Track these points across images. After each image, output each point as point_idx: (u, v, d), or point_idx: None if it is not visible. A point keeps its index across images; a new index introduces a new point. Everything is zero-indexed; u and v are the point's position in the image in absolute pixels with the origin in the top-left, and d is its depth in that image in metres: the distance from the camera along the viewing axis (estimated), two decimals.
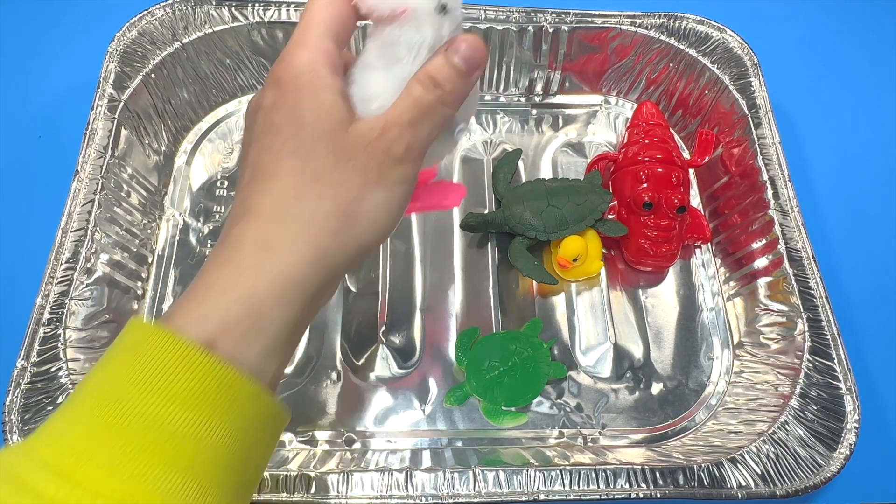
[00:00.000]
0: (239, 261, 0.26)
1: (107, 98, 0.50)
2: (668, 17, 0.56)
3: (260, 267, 0.26)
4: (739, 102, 0.53)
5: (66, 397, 0.40)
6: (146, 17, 0.53)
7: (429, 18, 0.28)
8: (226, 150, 0.57)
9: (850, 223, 0.56)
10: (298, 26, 0.31)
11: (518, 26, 0.55)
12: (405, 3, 0.28)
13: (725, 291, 0.52)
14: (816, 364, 0.44)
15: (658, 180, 0.51)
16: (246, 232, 0.26)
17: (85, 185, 0.47)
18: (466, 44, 0.28)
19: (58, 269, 0.44)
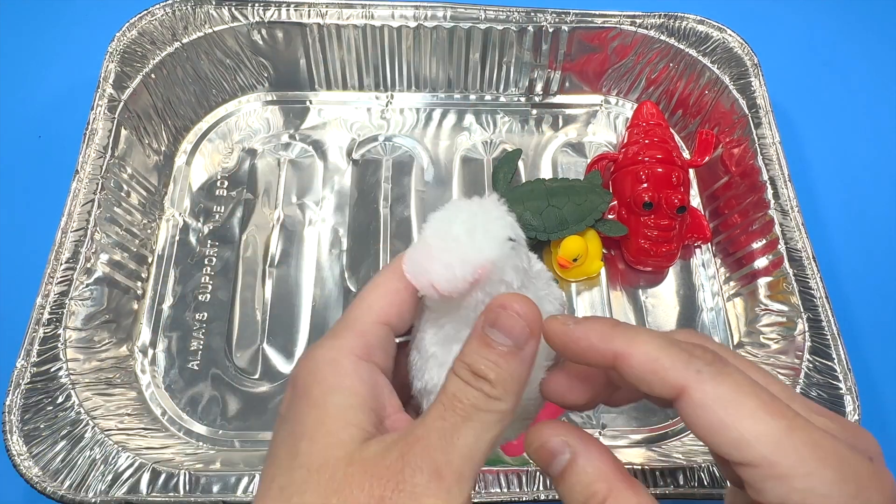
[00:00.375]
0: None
1: (107, 98, 0.50)
2: (668, 17, 0.56)
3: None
4: (739, 102, 0.53)
5: (66, 397, 0.41)
6: (146, 17, 0.53)
7: (508, 262, 0.24)
8: (226, 150, 0.57)
9: (850, 223, 0.56)
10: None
11: (518, 26, 0.55)
12: (480, 263, 0.23)
13: (725, 291, 0.52)
14: (816, 364, 0.44)
15: (658, 180, 0.51)
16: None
17: (85, 185, 0.47)
18: (504, 310, 0.22)
19: (58, 269, 0.44)
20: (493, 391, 0.21)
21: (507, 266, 0.24)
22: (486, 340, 0.22)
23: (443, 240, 0.23)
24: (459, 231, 0.23)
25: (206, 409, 0.46)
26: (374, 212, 0.54)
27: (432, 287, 0.23)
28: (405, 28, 0.55)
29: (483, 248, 0.23)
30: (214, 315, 0.49)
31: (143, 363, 0.47)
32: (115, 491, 0.38)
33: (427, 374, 0.25)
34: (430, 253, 0.23)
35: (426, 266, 0.23)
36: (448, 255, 0.23)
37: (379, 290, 0.25)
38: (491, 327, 0.22)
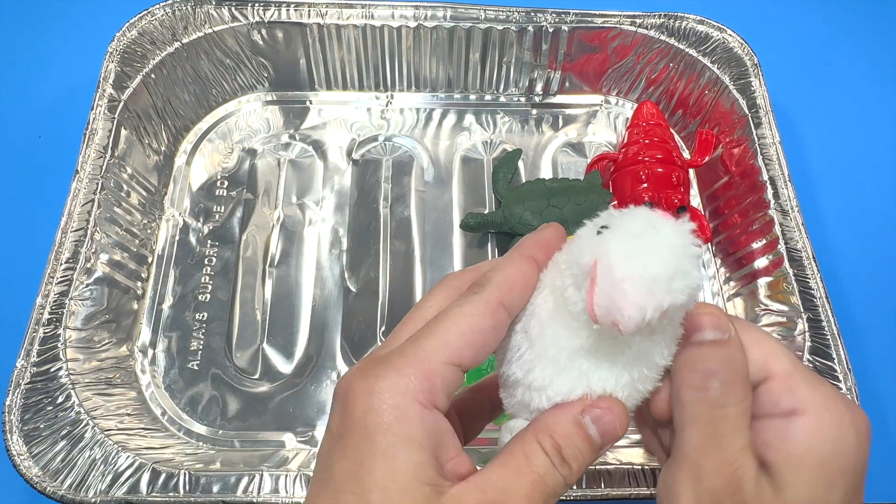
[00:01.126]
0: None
1: (107, 98, 0.50)
2: (668, 17, 0.56)
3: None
4: (739, 102, 0.53)
5: (66, 397, 0.41)
6: (146, 17, 0.53)
7: (690, 306, 0.23)
8: (226, 150, 0.57)
9: (850, 223, 0.56)
10: (412, 317, 0.25)
11: (518, 26, 0.55)
12: (671, 305, 0.21)
13: (725, 291, 0.52)
14: (816, 364, 0.44)
15: (658, 180, 0.51)
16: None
17: (85, 185, 0.47)
18: (609, 410, 0.23)
19: (58, 269, 0.44)
20: (571, 478, 0.23)
21: (682, 310, 0.23)
22: (585, 432, 0.23)
23: (640, 277, 0.21)
24: (660, 271, 0.21)
25: (206, 409, 0.46)
26: (374, 212, 0.54)
27: (614, 325, 0.21)
28: (405, 28, 0.55)
29: (678, 293, 0.21)
30: (214, 315, 0.49)
31: (143, 363, 0.47)
32: (115, 491, 0.38)
33: (537, 372, 0.24)
34: (626, 291, 0.21)
35: (620, 305, 0.21)
36: (644, 299, 0.21)
37: (462, 323, 0.23)
38: (592, 422, 0.23)
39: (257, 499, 0.39)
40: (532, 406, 0.25)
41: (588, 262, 0.22)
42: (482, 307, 0.23)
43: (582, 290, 0.22)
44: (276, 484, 0.39)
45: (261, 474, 0.39)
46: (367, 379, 0.22)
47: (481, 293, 0.24)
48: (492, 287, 0.24)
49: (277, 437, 0.45)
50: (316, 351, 0.49)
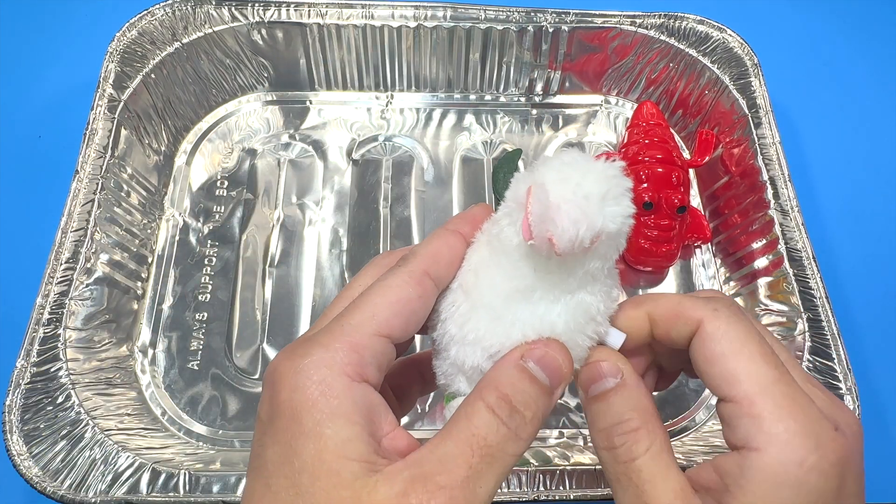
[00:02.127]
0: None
1: (107, 98, 0.50)
2: (668, 17, 0.56)
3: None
4: (739, 102, 0.53)
5: (66, 397, 0.41)
6: (146, 17, 0.53)
7: (619, 238, 0.23)
8: (226, 150, 0.57)
9: (850, 223, 0.56)
10: (340, 297, 0.24)
11: (518, 26, 0.55)
12: (603, 227, 0.21)
13: (726, 291, 0.52)
14: (816, 364, 0.44)
15: (658, 180, 0.51)
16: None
17: (85, 185, 0.47)
18: (548, 347, 0.22)
19: (58, 269, 0.44)
20: (525, 430, 0.21)
21: (613, 244, 0.23)
22: (531, 375, 0.21)
23: (573, 195, 0.21)
24: (592, 191, 0.21)
25: (206, 409, 0.46)
26: (374, 212, 0.54)
27: (549, 242, 0.21)
28: (405, 28, 0.55)
29: (610, 216, 0.22)
30: (214, 315, 0.49)
31: (143, 363, 0.47)
32: (115, 491, 0.38)
33: (472, 323, 0.24)
34: (559, 206, 0.21)
35: (553, 217, 0.21)
36: (577, 213, 0.21)
37: (388, 294, 0.23)
38: (535, 363, 0.22)
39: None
40: (467, 364, 0.24)
41: (522, 193, 0.22)
42: (407, 277, 0.23)
43: (517, 223, 0.23)
44: None
45: None
46: (292, 359, 0.21)
47: (406, 265, 0.23)
48: (416, 259, 0.24)
49: None
50: None
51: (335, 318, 0.23)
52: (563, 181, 0.22)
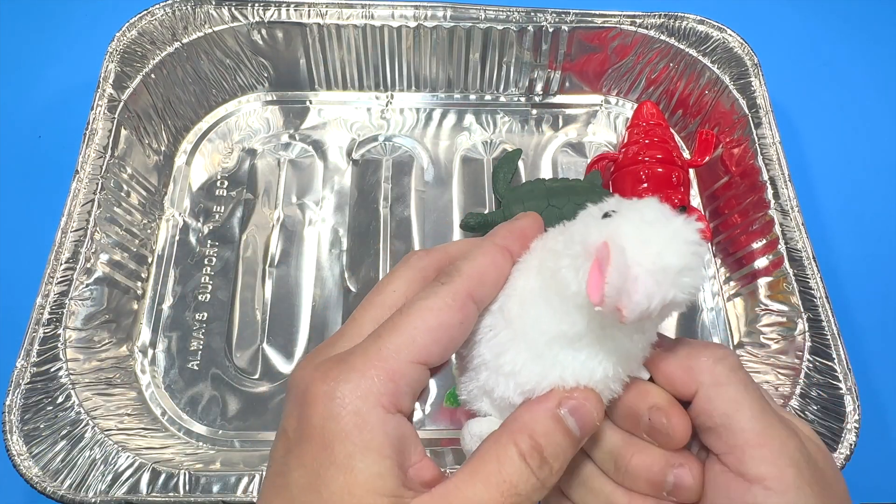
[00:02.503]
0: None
1: (107, 98, 0.50)
2: (669, 17, 0.56)
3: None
4: (739, 102, 0.53)
5: (66, 397, 0.41)
6: (146, 17, 0.53)
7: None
8: (226, 150, 0.57)
9: (850, 223, 0.56)
10: (373, 302, 0.23)
11: (518, 26, 0.55)
12: (676, 300, 0.21)
13: (725, 291, 0.52)
14: (816, 364, 0.44)
15: (658, 180, 0.51)
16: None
17: (85, 185, 0.47)
18: (585, 399, 0.22)
19: (58, 269, 0.44)
20: (550, 480, 0.21)
21: (676, 309, 0.22)
22: (565, 426, 0.21)
23: (653, 266, 0.21)
24: (672, 263, 0.21)
25: (206, 409, 0.46)
26: (374, 212, 0.54)
27: (617, 310, 0.21)
28: (405, 28, 0.55)
29: (683, 289, 0.21)
30: (214, 315, 0.49)
31: (143, 363, 0.47)
32: (115, 491, 0.38)
33: (509, 356, 0.23)
34: (637, 278, 0.20)
35: (629, 290, 0.20)
36: (654, 288, 0.20)
37: (429, 318, 0.21)
38: (570, 414, 0.21)
39: (257, 499, 0.39)
40: (496, 393, 0.23)
41: (595, 243, 0.21)
42: (450, 300, 0.22)
43: (580, 271, 0.21)
44: None
45: (261, 474, 0.39)
46: (326, 382, 0.21)
47: (450, 284, 0.22)
48: (461, 278, 0.22)
49: None
50: None
51: (371, 337, 0.22)
52: (643, 245, 0.21)
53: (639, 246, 0.21)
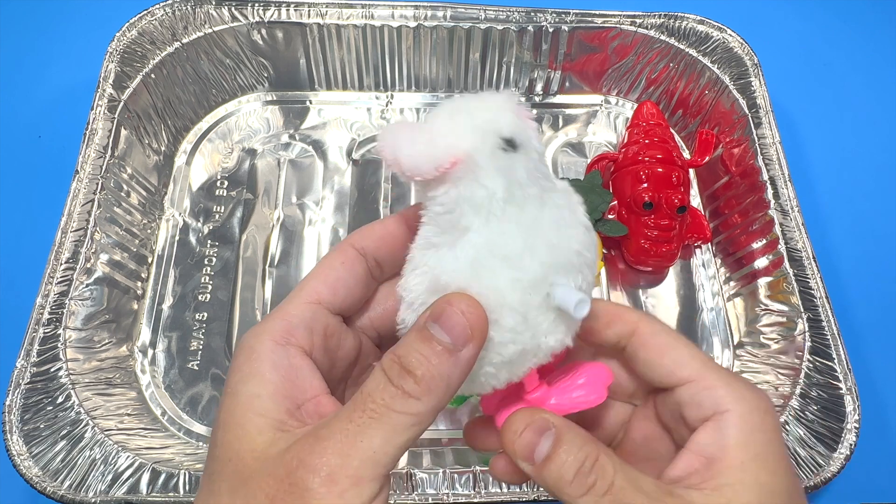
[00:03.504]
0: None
1: (107, 98, 0.50)
2: (669, 17, 0.56)
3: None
4: (739, 102, 0.53)
5: (66, 397, 0.41)
6: (146, 17, 0.53)
7: (492, 163, 0.21)
8: (225, 150, 0.57)
9: (850, 223, 0.56)
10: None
11: (518, 26, 0.55)
12: (452, 151, 0.21)
13: (726, 291, 0.52)
14: (816, 364, 0.44)
15: (658, 180, 0.51)
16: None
17: (85, 185, 0.47)
18: (449, 306, 0.21)
19: (58, 269, 0.44)
20: (415, 389, 0.20)
21: (489, 166, 0.21)
22: (425, 334, 0.21)
23: (423, 121, 0.21)
24: (442, 114, 0.21)
25: (206, 409, 0.46)
26: (374, 212, 0.54)
27: (395, 165, 0.21)
28: (405, 28, 0.55)
29: (460, 135, 0.21)
30: (214, 315, 0.49)
31: (143, 363, 0.47)
32: (115, 491, 0.38)
33: (404, 280, 0.23)
34: (403, 129, 0.21)
35: (394, 140, 0.21)
36: (419, 135, 0.21)
37: (314, 271, 0.25)
38: (433, 322, 0.21)
39: None
40: (406, 322, 0.23)
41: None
42: (330, 253, 0.26)
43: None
44: None
45: None
46: (238, 342, 0.24)
47: (338, 244, 0.26)
48: (347, 238, 0.26)
49: None
50: None
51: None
52: (428, 115, 0.22)
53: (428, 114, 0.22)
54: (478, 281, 0.22)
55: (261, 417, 0.21)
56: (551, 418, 0.23)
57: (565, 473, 0.22)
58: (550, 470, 0.22)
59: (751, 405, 0.24)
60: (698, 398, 0.24)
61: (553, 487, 0.23)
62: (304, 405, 0.22)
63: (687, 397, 0.25)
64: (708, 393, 0.24)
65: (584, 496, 0.22)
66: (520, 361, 0.23)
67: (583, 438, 0.23)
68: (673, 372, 0.25)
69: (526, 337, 0.22)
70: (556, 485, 0.22)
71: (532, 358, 0.23)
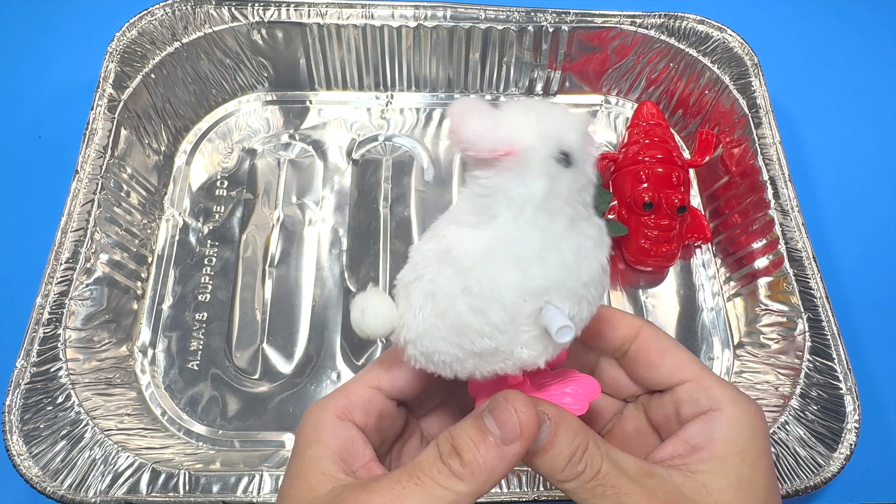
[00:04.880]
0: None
1: (107, 98, 0.50)
2: (669, 17, 0.56)
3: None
4: (740, 102, 0.53)
5: (66, 397, 0.41)
6: (146, 17, 0.53)
7: (542, 168, 0.22)
8: (226, 150, 0.57)
9: (850, 223, 0.56)
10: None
11: (518, 26, 0.55)
12: (511, 140, 0.21)
13: (726, 291, 0.52)
14: (816, 364, 0.44)
15: (658, 180, 0.51)
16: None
17: (85, 185, 0.47)
18: (506, 402, 0.23)
19: (58, 269, 0.44)
20: (460, 471, 0.23)
21: (538, 169, 0.22)
22: (479, 423, 0.23)
23: (496, 108, 0.22)
24: (518, 107, 0.22)
25: (205, 409, 0.46)
26: (374, 212, 0.54)
27: (455, 133, 0.22)
28: (405, 28, 0.55)
29: (525, 130, 0.22)
30: (214, 315, 0.49)
31: (142, 363, 0.47)
32: (115, 491, 0.38)
33: (419, 242, 0.25)
34: (476, 104, 0.22)
35: (463, 113, 0.22)
36: (489, 116, 0.22)
37: (382, 357, 0.28)
38: (488, 413, 0.23)
39: (257, 499, 0.39)
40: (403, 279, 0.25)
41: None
42: (393, 348, 0.27)
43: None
44: (276, 484, 0.39)
45: (261, 474, 0.39)
46: (304, 413, 0.27)
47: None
48: None
49: (277, 437, 0.45)
50: (316, 351, 0.49)
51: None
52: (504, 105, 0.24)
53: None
54: (483, 268, 0.22)
55: (322, 475, 0.25)
56: (547, 410, 0.25)
57: (557, 463, 0.24)
58: (543, 460, 0.24)
59: (743, 408, 0.26)
60: (695, 395, 0.27)
61: (545, 474, 0.25)
62: (358, 470, 0.26)
63: (685, 395, 0.27)
64: (705, 392, 0.27)
65: (573, 482, 0.24)
66: (488, 359, 0.23)
67: (574, 430, 0.24)
68: (673, 373, 0.27)
69: (504, 339, 0.23)
70: (548, 472, 0.25)
71: (500, 363, 0.24)
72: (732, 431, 0.25)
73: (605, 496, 0.24)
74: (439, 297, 0.23)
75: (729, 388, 0.27)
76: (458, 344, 0.23)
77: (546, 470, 0.24)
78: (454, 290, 0.23)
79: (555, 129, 0.22)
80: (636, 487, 0.24)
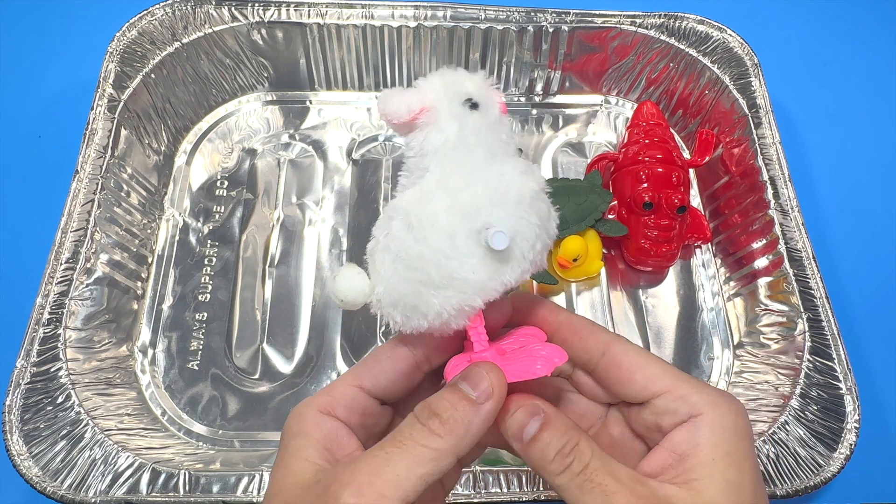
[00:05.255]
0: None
1: (107, 98, 0.50)
2: (669, 17, 0.56)
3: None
4: (739, 102, 0.53)
5: (66, 397, 0.41)
6: (146, 17, 0.53)
7: (451, 112, 0.26)
8: (226, 150, 0.57)
9: (850, 223, 0.56)
10: None
11: (518, 26, 0.55)
12: (422, 99, 0.26)
13: (725, 291, 0.52)
14: (816, 364, 0.44)
15: (658, 180, 0.51)
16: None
17: (85, 185, 0.47)
18: (476, 367, 0.25)
19: (58, 269, 0.44)
20: (439, 428, 0.24)
21: (447, 113, 0.25)
22: (454, 388, 0.25)
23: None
24: (424, 79, 0.27)
25: (205, 409, 0.46)
26: (374, 212, 0.54)
27: (381, 112, 0.26)
28: (405, 28, 0.55)
29: (432, 89, 0.26)
30: (214, 315, 0.49)
31: (143, 363, 0.47)
32: (115, 491, 0.38)
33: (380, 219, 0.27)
34: (394, 90, 0.26)
35: (386, 96, 0.26)
36: (403, 94, 0.26)
37: (366, 358, 0.29)
38: (461, 380, 0.25)
39: (257, 499, 0.39)
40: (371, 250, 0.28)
41: None
42: (387, 343, 0.29)
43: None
44: None
45: (261, 474, 0.39)
46: (291, 410, 0.28)
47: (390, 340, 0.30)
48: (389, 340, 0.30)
49: (277, 437, 0.45)
50: (316, 351, 0.49)
51: None
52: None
53: None
54: (419, 205, 0.26)
55: (306, 461, 0.25)
56: (542, 405, 0.26)
57: (548, 453, 0.25)
58: (535, 449, 0.25)
59: (723, 409, 0.26)
60: (673, 406, 0.27)
61: (536, 464, 0.26)
62: (342, 458, 0.26)
63: (662, 406, 0.27)
64: (683, 401, 0.27)
65: (562, 474, 0.25)
66: (447, 292, 0.25)
67: (567, 426, 0.26)
68: (646, 387, 0.27)
69: (454, 265, 0.25)
70: (539, 462, 0.25)
71: (459, 292, 0.25)
72: (716, 435, 0.26)
73: (593, 493, 0.24)
74: (392, 245, 0.26)
75: (707, 391, 0.27)
76: (416, 279, 0.25)
77: (537, 460, 0.25)
78: (401, 233, 0.26)
79: (454, 82, 0.26)
80: (624, 489, 0.24)
